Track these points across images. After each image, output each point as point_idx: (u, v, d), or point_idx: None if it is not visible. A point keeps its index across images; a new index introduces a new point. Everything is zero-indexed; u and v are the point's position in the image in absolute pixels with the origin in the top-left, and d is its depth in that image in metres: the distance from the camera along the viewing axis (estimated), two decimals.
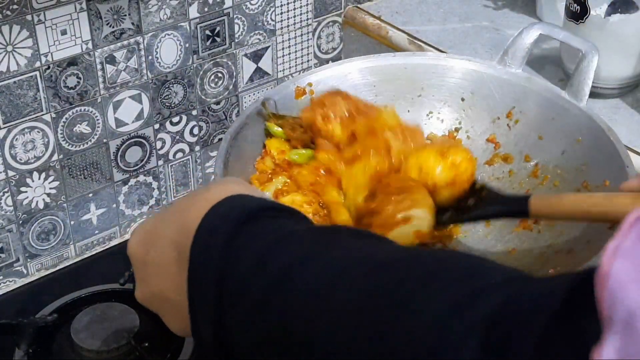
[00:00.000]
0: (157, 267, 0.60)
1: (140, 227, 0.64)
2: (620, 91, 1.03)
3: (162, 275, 0.59)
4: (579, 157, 0.85)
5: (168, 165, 1.08)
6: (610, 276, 0.35)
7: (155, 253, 0.60)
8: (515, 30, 0.95)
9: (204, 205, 0.56)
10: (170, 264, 0.58)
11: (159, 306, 0.62)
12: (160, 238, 0.60)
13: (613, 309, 0.34)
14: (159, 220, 0.62)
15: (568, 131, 0.87)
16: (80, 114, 0.97)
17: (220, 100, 1.09)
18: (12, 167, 0.94)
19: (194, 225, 0.56)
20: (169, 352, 0.89)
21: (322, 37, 1.16)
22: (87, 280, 0.99)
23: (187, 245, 0.55)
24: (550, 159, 0.88)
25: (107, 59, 0.96)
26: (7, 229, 0.98)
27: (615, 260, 0.35)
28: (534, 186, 0.88)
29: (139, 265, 0.62)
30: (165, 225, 0.60)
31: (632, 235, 0.36)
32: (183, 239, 0.57)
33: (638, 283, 0.34)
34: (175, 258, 0.58)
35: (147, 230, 0.62)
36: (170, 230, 0.59)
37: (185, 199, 0.61)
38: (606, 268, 0.35)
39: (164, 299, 0.60)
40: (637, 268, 0.35)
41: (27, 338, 0.90)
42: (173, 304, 0.58)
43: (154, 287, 0.61)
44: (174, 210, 0.61)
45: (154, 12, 0.97)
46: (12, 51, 0.88)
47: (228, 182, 0.63)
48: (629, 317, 0.34)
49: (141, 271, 0.62)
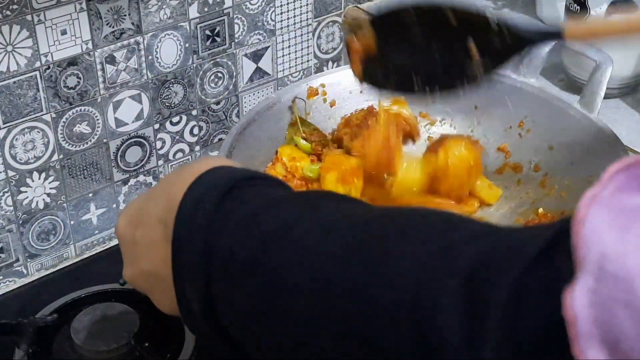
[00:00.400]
0: (146, 245, 0.60)
1: (127, 207, 0.64)
2: (620, 91, 1.03)
3: (151, 252, 0.59)
4: (587, 168, 0.85)
5: (168, 165, 1.08)
6: (585, 222, 0.36)
7: (143, 231, 0.60)
8: None
9: (188, 178, 0.56)
10: (158, 240, 0.58)
11: (149, 285, 0.62)
12: (147, 215, 0.60)
13: (587, 251, 0.35)
14: (145, 199, 0.62)
15: (578, 142, 0.87)
16: (80, 114, 0.97)
17: (220, 100, 1.09)
18: (12, 167, 0.94)
19: (178, 198, 0.55)
20: (169, 352, 0.89)
21: (322, 37, 1.16)
22: (87, 280, 0.99)
23: (172, 219, 0.55)
24: (559, 170, 0.88)
25: (107, 59, 0.96)
26: (7, 229, 0.98)
27: (592, 207, 0.36)
28: (541, 196, 0.88)
29: (128, 245, 0.62)
30: (152, 202, 0.60)
31: (611, 186, 0.37)
32: (169, 213, 0.56)
33: (612, 229, 0.35)
34: (162, 234, 0.58)
35: (134, 210, 0.62)
36: (156, 207, 0.59)
37: (170, 176, 0.62)
38: (582, 214, 0.36)
39: (154, 276, 0.59)
40: (612, 215, 0.35)
41: (27, 338, 0.89)
42: (162, 281, 0.58)
43: (143, 266, 0.60)
44: (159, 188, 0.61)
45: (154, 12, 0.97)
46: (12, 51, 0.88)
47: (212, 158, 0.63)
48: (601, 258, 0.34)
49: (130, 251, 0.62)
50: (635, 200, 0.36)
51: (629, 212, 0.35)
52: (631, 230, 0.34)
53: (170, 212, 0.56)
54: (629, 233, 0.34)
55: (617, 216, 0.35)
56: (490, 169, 0.93)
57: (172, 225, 0.55)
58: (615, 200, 0.36)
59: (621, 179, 0.37)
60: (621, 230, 0.35)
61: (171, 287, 0.57)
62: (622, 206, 0.36)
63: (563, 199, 0.85)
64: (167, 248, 0.56)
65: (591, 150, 0.85)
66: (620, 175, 0.37)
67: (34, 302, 0.97)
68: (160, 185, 0.61)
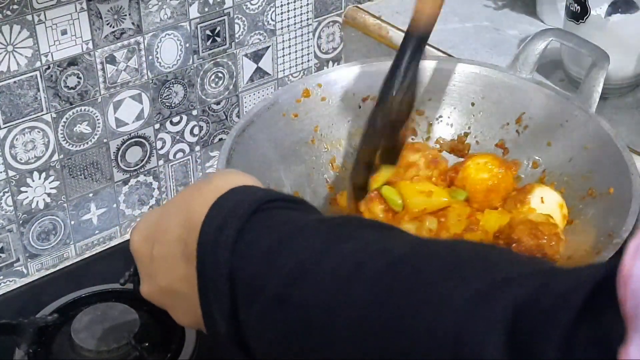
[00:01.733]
0: (164, 262, 0.59)
1: (142, 222, 0.63)
2: (620, 91, 1.03)
3: (170, 269, 0.59)
4: (585, 164, 0.85)
5: (168, 165, 1.08)
6: (632, 276, 0.35)
7: (161, 247, 0.59)
8: (515, 31, 0.95)
9: (208, 198, 0.55)
10: (177, 258, 0.58)
11: (167, 301, 0.61)
12: (165, 232, 0.59)
13: (636, 309, 0.34)
14: (162, 215, 0.61)
15: (576, 138, 0.87)
16: (80, 114, 0.97)
17: (221, 100, 1.09)
18: (12, 167, 0.94)
19: (199, 219, 0.55)
20: (169, 352, 0.89)
21: (322, 37, 1.16)
22: (87, 280, 0.99)
23: (193, 239, 0.55)
24: (557, 166, 0.88)
25: (108, 59, 0.96)
26: (7, 229, 0.98)
27: (637, 260, 0.35)
28: None
29: (145, 261, 0.62)
30: (169, 219, 0.59)
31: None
32: (188, 232, 0.56)
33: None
34: (182, 252, 0.57)
35: (150, 225, 0.61)
36: (174, 224, 0.58)
37: (188, 192, 0.60)
38: (628, 267, 0.35)
39: (173, 293, 0.59)
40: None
41: (27, 338, 0.90)
42: (182, 297, 0.58)
43: (161, 282, 0.60)
44: (176, 204, 0.60)
45: (154, 12, 0.97)
46: (12, 51, 0.88)
47: (230, 173, 0.62)
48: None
49: (147, 267, 0.62)
50: None
51: None
52: None
53: (190, 231, 0.56)
54: None
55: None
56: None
57: (192, 245, 0.55)
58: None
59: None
60: None
61: (191, 304, 0.57)
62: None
63: (562, 195, 0.85)
64: (187, 266, 0.56)
65: (589, 146, 0.85)
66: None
67: (34, 302, 0.97)
68: (178, 202, 0.60)
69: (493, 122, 0.94)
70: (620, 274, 0.35)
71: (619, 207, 0.77)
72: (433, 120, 0.96)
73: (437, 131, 0.96)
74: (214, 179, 0.59)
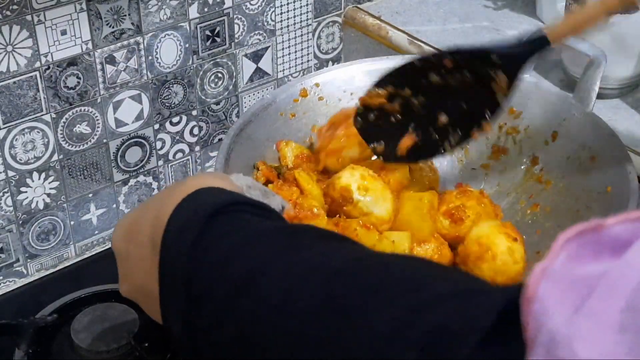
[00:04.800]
0: (137, 261, 0.60)
1: (122, 221, 0.65)
2: (620, 91, 1.03)
3: (142, 268, 0.60)
4: (583, 163, 0.85)
5: (168, 166, 1.08)
6: (535, 299, 0.35)
7: (134, 247, 0.61)
8: (515, 31, 0.95)
9: (176, 199, 0.57)
10: (147, 257, 0.59)
11: (141, 299, 0.62)
12: (139, 232, 0.60)
13: (537, 332, 0.34)
14: (138, 214, 0.62)
15: (574, 137, 0.87)
16: (80, 114, 0.97)
17: (220, 101, 1.09)
18: (12, 167, 0.94)
19: (165, 218, 0.56)
20: (169, 352, 0.89)
21: (322, 37, 1.17)
22: (87, 280, 0.99)
23: (159, 239, 0.56)
24: (555, 164, 0.88)
25: (107, 59, 0.96)
26: (7, 229, 0.98)
27: (541, 283, 0.35)
28: (537, 191, 0.88)
29: (122, 260, 0.63)
30: (143, 218, 0.60)
31: (561, 257, 0.35)
32: (156, 232, 0.57)
33: (563, 305, 0.34)
34: (151, 251, 0.58)
35: (127, 224, 0.63)
36: (146, 224, 0.59)
37: (163, 192, 0.62)
38: (532, 290, 0.35)
39: (145, 292, 0.60)
40: (562, 289, 0.34)
41: (27, 338, 0.90)
42: (151, 295, 0.58)
43: (135, 280, 0.61)
44: (151, 203, 0.61)
45: (154, 12, 0.97)
46: (12, 51, 0.88)
47: (205, 175, 0.63)
48: (550, 342, 0.33)
49: (124, 265, 0.63)
50: (587, 269, 0.34)
51: (580, 284, 0.34)
52: (582, 309, 0.33)
53: (157, 231, 0.57)
54: (579, 313, 0.33)
55: (568, 290, 0.34)
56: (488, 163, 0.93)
57: (159, 245, 0.56)
58: (566, 272, 0.35)
59: (572, 247, 0.35)
60: (572, 308, 0.33)
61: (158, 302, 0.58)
62: (573, 277, 0.34)
63: (560, 193, 0.85)
64: (154, 266, 0.57)
65: (587, 145, 0.86)
66: (572, 244, 0.35)
67: (34, 302, 0.97)
68: (153, 201, 0.62)
69: None
70: (525, 297, 0.35)
71: (616, 206, 0.77)
72: None
73: None
74: (188, 180, 0.61)
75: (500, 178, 0.93)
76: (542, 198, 0.88)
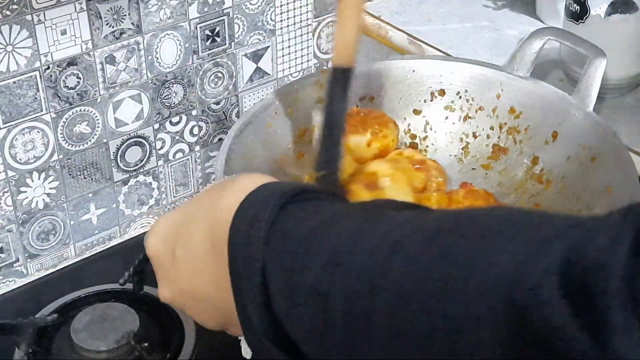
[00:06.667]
0: (188, 264, 0.58)
1: (159, 225, 0.62)
2: (621, 91, 1.03)
3: (194, 272, 0.58)
4: (583, 163, 0.85)
5: (168, 166, 1.08)
6: None
7: (184, 250, 0.59)
8: (515, 31, 0.95)
9: (235, 197, 0.55)
10: (204, 259, 0.57)
11: (191, 304, 0.61)
12: (189, 234, 0.58)
13: None
14: (183, 217, 0.60)
15: (574, 137, 0.87)
16: (80, 114, 0.97)
17: (220, 100, 1.09)
18: (12, 167, 0.94)
19: (226, 217, 0.54)
20: (169, 352, 0.89)
21: (322, 37, 1.16)
22: (87, 280, 0.99)
23: (222, 239, 0.54)
24: (555, 164, 0.88)
25: (107, 59, 0.96)
26: (7, 229, 0.98)
27: None
28: (538, 191, 0.88)
29: (165, 264, 0.61)
30: (193, 220, 0.58)
31: None
32: (215, 233, 0.55)
33: None
34: (209, 252, 0.56)
35: (170, 228, 0.61)
36: (199, 225, 0.57)
37: (211, 193, 0.59)
38: None
39: (197, 295, 0.59)
40: None
41: (27, 338, 0.90)
42: (208, 300, 0.57)
43: (184, 285, 0.59)
44: (199, 205, 0.59)
45: (154, 12, 0.97)
46: (12, 51, 0.88)
47: (254, 174, 0.60)
48: None
49: (168, 270, 0.61)
50: None
51: None
52: None
53: (217, 231, 0.55)
54: None
55: None
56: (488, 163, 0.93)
57: (220, 245, 0.54)
58: None
59: None
60: None
61: (217, 306, 0.56)
62: None
63: (561, 193, 0.85)
64: (215, 267, 0.55)
65: (587, 145, 0.86)
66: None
67: (34, 302, 0.97)
68: (199, 204, 0.59)
69: (491, 121, 0.94)
70: None
71: (617, 206, 0.77)
72: (431, 119, 0.96)
73: (434, 130, 0.96)
74: (239, 179, 0.58)
75: (501, 178, 0.93)
76: (542, 198, 0.88)
